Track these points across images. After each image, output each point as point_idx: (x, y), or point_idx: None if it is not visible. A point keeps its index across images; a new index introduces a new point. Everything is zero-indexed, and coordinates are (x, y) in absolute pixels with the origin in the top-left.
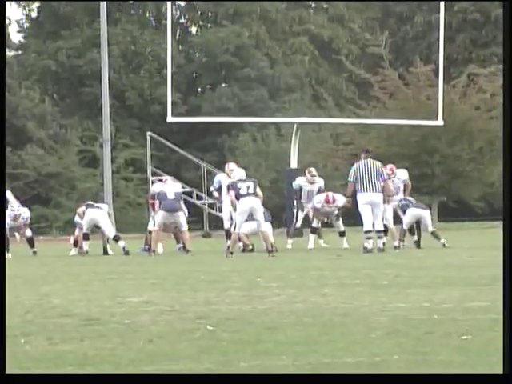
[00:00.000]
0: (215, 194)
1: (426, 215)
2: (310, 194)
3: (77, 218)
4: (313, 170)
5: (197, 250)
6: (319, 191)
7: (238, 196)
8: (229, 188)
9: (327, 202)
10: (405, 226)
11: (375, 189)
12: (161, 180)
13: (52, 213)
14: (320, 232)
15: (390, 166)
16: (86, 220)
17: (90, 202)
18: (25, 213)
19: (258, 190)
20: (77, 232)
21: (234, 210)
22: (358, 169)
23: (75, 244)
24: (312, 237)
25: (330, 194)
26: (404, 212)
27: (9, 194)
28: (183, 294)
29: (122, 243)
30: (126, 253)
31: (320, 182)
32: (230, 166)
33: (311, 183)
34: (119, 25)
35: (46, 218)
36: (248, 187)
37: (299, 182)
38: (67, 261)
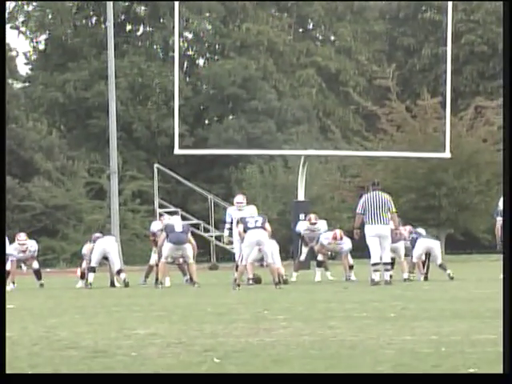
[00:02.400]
0: (227, 227)
1: (435, 246)
2: (312, 239)
3: (84, 250)
4: (313, 217)
5: (204, 282)
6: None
7: (246, 229)
8: (238, 222)
9: (335, 238)
10: (414, 259)
11: (383, 221)
12: (168, 213)
13: (59, 245)
14: (326, 265)
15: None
16: (97, 251)
17: (98, 235)
18: (32, 246)
19: (267, 225)
20: (84, 264)
21: (242, 242)
22: (366, 201)
23: (82, 276)
24: (318, 270)
25: (338, 231)
26: (413, 245)
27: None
28: (190, 326)
29: (123, 275)
30: (126, 284)
31: (322, 227)
32: (237, 198)
33: (312, 231)
34: (126, 57)
35: (53, 250)
36: (256, 221)
37: (300, 228)
38: (74, 293)
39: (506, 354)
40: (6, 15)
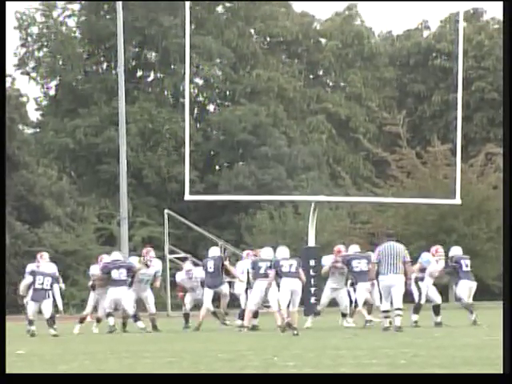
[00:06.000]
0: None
1: (474, 287)
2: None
3: (91, 271)
4: (341, 247)
5: (213, 328)
6: None
7: (281, 274)
8: (270, 267)
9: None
10: (464, 301)
11: (396, 270)
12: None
13: (69, 291)
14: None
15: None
16: (110, 298)
17: (105, 256)
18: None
19: (301, 272)
20: (100, 311)
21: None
22: (381, 251)
23: (98, 320)
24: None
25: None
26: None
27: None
28: (200, 372)
29: (140, 324)
30: (147, 331)
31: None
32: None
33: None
34: (137, 103)
35: (63, 296)
36: (291, 265)
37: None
38: (84, 338)
39: (506, 353)
40: (17, 61)
